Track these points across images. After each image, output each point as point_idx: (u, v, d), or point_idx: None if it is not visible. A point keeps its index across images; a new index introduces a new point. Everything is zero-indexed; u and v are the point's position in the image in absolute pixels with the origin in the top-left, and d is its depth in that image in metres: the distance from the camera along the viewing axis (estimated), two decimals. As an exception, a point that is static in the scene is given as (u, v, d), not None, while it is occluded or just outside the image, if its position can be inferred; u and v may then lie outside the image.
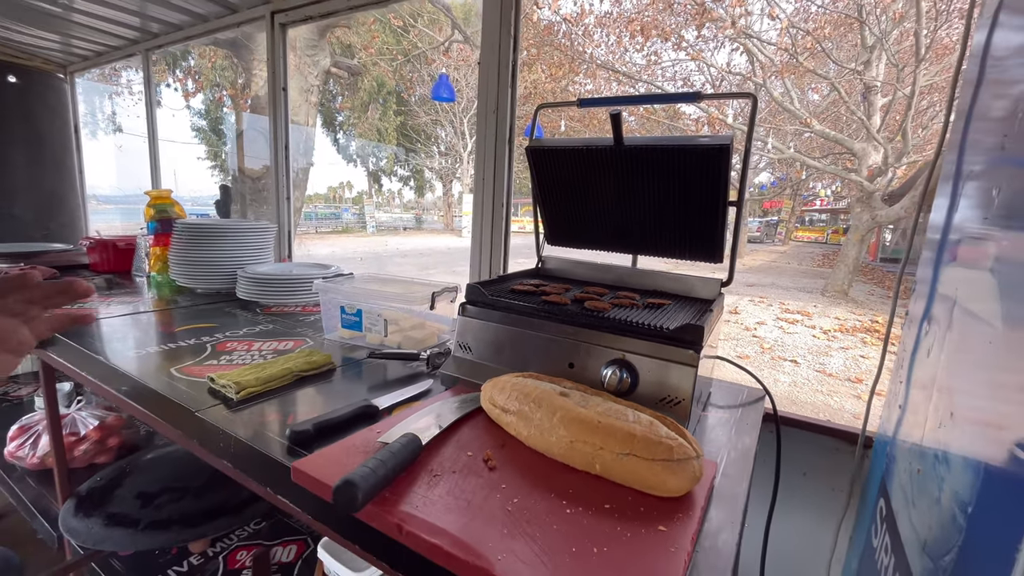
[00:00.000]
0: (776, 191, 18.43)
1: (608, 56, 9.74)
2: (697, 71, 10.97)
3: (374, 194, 27.12)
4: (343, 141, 22.10)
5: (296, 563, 1.19)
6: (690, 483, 0.53)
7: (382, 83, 14.58)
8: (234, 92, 7.32)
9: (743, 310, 7.60)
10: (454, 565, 0.44)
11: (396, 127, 19.42)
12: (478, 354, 0.88)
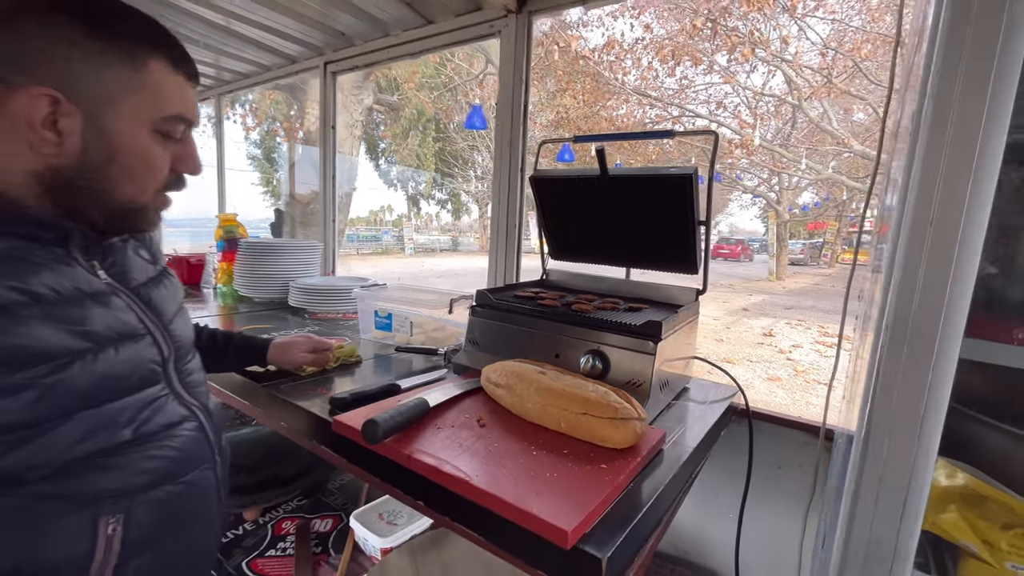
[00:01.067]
0: (819, 212, 17.89)
1: (640, 81, 9.96)
2: (732, 93, 11.03)
3: (413, 217, 28.07)
4: (384, 167, 23.10)
5: (331, 533, 1.38)
6: (632, 438, 0.69)
7: (421, 112, 15.32)
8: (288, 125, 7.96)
9: (779, 332, 7.43)
10: (444, 480, 0.62)
11: (435, 153, 20.19)
12: (484, 346, 1.06)
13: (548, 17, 1.47)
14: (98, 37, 0.53)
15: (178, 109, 0.60)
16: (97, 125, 0.55)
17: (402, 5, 1.62)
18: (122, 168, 0.57)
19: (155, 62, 0.57)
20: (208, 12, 1.87)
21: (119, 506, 0.55)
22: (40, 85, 0.51)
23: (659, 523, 0.65)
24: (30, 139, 0.52)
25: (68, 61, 0.52)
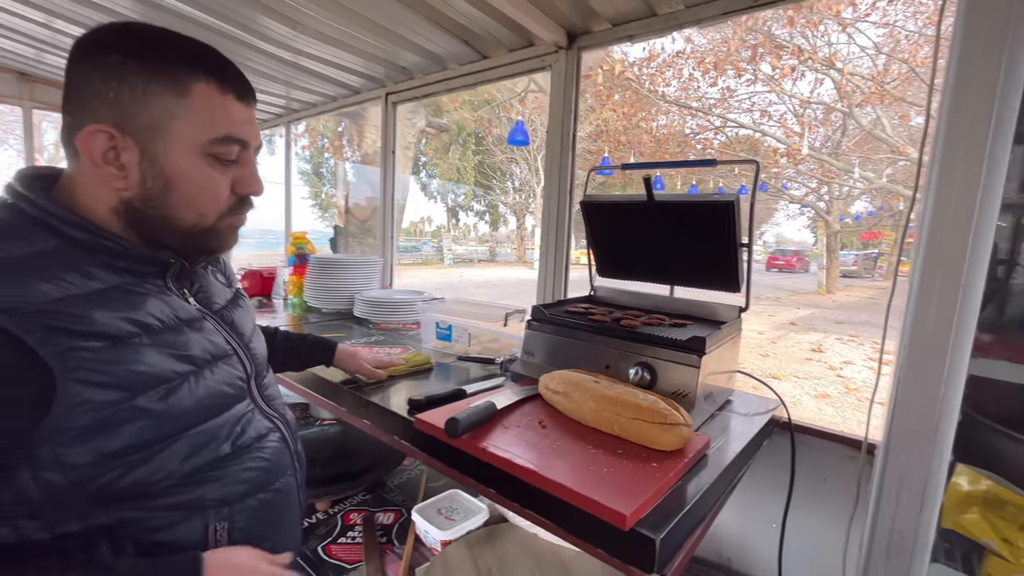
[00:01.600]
0: (874, 222, 17.04)
1: (680, 92, 9.91)
2: (778, 101, 10.78)
3: (452, 228, 28.65)
4: (425, 179, 23.77)
5: (394, 526, 1.51)
6: (679, 442, 0.77)
7: (462, 127, 15.75)
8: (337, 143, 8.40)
9: (829, 348, 7.16)
10: (515, 471, 0.72)
11: (474, 166, 20.64)
12: (539, 358, 1.17)
13: (595, 51, 1.58)
14: (144, 68, 0.55)
15: (227, 130, 0.60)
16: (150, 155, 0.56)
17: (459, 42, 1.78)
18: (180, 195, 0.59)
19: (200, 85, 0.57)
20: (282, 52, 2.10)
21: (223, 514, 0.61)
22: (97, 122, 0.54)
23: (704, 518, 0.73)
24: (99, 175, 0.56)
25: (119, 96, 0.54)
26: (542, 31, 1.50)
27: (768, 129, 10.46)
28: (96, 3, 1.85)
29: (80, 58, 0.55)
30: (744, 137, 11.19)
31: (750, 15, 7.07)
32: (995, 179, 0.43)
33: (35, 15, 2.06)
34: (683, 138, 10.52)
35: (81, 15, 1.98)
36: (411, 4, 1.56)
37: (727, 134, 10.87)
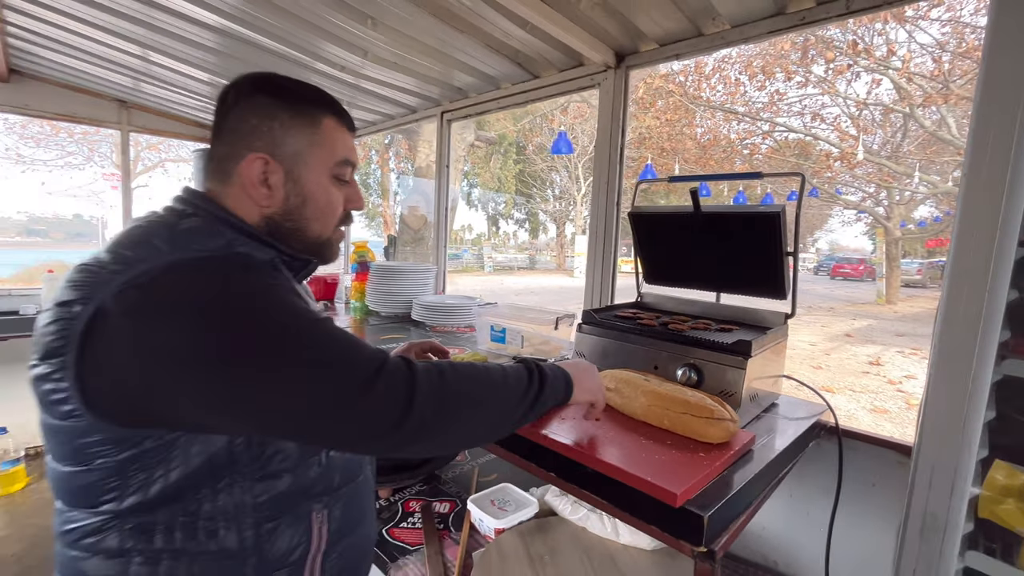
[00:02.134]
0: (940, 228, 15.98)
1: (726, 97, 9.74)
2: (831, 103, 10.38)
3: (492, 236, 29.01)
4: (466, 188, 24.24)
5: (450, 514, 1.62)
6: (725, 435, 0.84)
7: (503, 136, 16.02)
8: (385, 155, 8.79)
9: (888, 361, 6.80)
10: (574, 455, 0.81)
11: (515, 174, 20.89)
12: (590, 358, 1.25)
13: (642, 69, 1.66)
14: (287, 107, 0.67)
15: (345, 154, 0.73)
16: (293, 176, 0.68)
17: (511, 63, 1.90)
18: (313, 209, 0.70)
19: (327, 120, 0.70)
20: (344, 75, 2.29)
21: (323, 502, 0.67)
22: (255, 152, 0.66)
23: (749, 505, 0.79)
24: (252, 195, 0.67)
25: (271, 130, 0.66)
26: (591, 52, 1.60)
27: (820, 132, 10.08)
28: (185, 39, 2.11)
29: (235, 101, 0.68)
30: (794, 141, 10.82)
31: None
32: (1019, 184, 0.48)
33: (132, 48, 2.35)
34: (729, 143, 10.31)
35: (172, 48, 2.25)
36: (467, 30, 1.69)
37: (776, 139, 10.56)
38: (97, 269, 0.55)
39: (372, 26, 1.67)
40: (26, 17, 2.10)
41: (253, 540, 0.61)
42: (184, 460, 0.57)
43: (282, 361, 0.52)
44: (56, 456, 0.59)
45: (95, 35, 2.20)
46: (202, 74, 2.60)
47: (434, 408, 0.57)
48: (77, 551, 0.59)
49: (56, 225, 24.77)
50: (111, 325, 0.51)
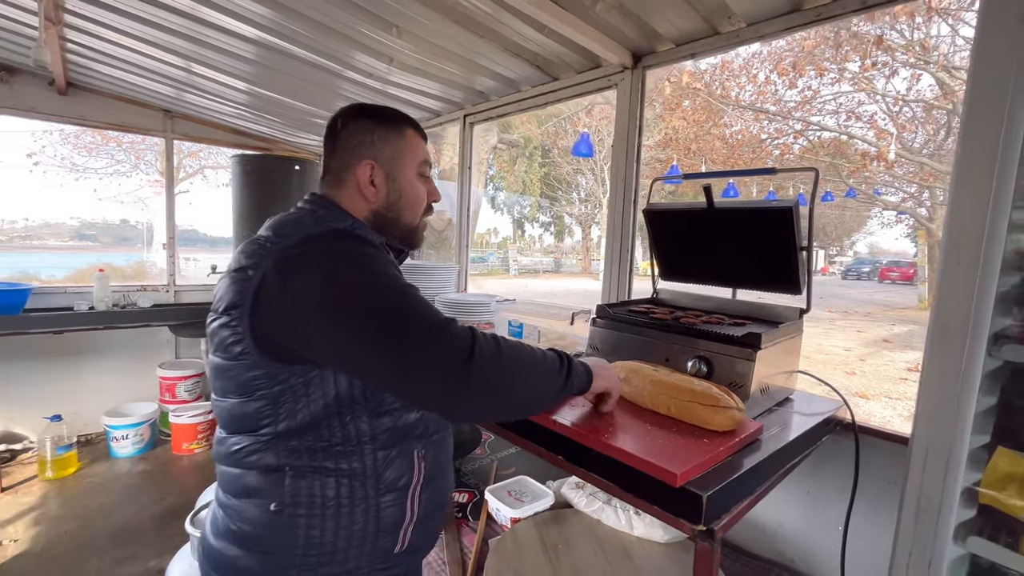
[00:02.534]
0: (988, 229, 15.12)
1: (756, 96, 9.53)
2: (869, 101, 10.02)
3: (517, 239, 29.07)
4: (491, 192, 24.37)
5: (468, 504, 1.67)
6: (731, 423, 0.85)
7: (529, 139, 16.08)
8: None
9: (929, 368, 6.48)
10: (581, 438, 0.85)
11: (540, 178, 20.89)
12: (603, 352, 1.28)
13: (659, 69, 1.68)
14: (382, 124, 0.86)
15: (425, 156, 0.92)
16: (392, 176, 0.86)
17: (531, 67, 1.94)
18: (407, 200, 0.88)
19: (409, 131, 0.89)
20: (373, 81, 2.38)
21: (421, 443, 0.81)
22: (364, 160, 0.84)
23: (753, 492, 0.81)
24: (364, 194, 0.85)
25: (374, 142, 0.85)
26: (608, 54, 1.63)
27: (856, 131, 9.75)
28: (225, 51, 2.24)
29: (343, 126, 0.86)
30: (828, 141, 10.48)
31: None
32: (1007, 175, 0.50)
33: (176, 61, 2.50)
34: (759, 143, 10.08)
35: (214, 60, 2.39)
36: (487, 35, 1.75)
37: (809, 138, 10.26)
38: (263, 243, 0.74)
39: (397, 34, 1.74)
40: (84, 35, 2.27)
41: (372, 465, 0.76)
42: (321, 394, 0.72)
43: (380, 310, 0.67)
44: (224, 392, 0.76)
45: (144, 49, 2.36)
46: (240, 83, 2.74)
47: (491, 363, 0.68)
48: (241, 468, 0.75)
49: (105, 230, 26.11)
50: (271, 282, 0.69)
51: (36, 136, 12.85)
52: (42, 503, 2.54)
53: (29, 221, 20.73)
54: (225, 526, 0.77)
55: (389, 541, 0.79)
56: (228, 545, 0.76)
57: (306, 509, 0.73)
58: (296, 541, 0.73)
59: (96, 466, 2.95)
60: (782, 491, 1.37)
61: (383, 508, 0.77)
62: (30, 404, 3.01)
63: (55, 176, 13.76)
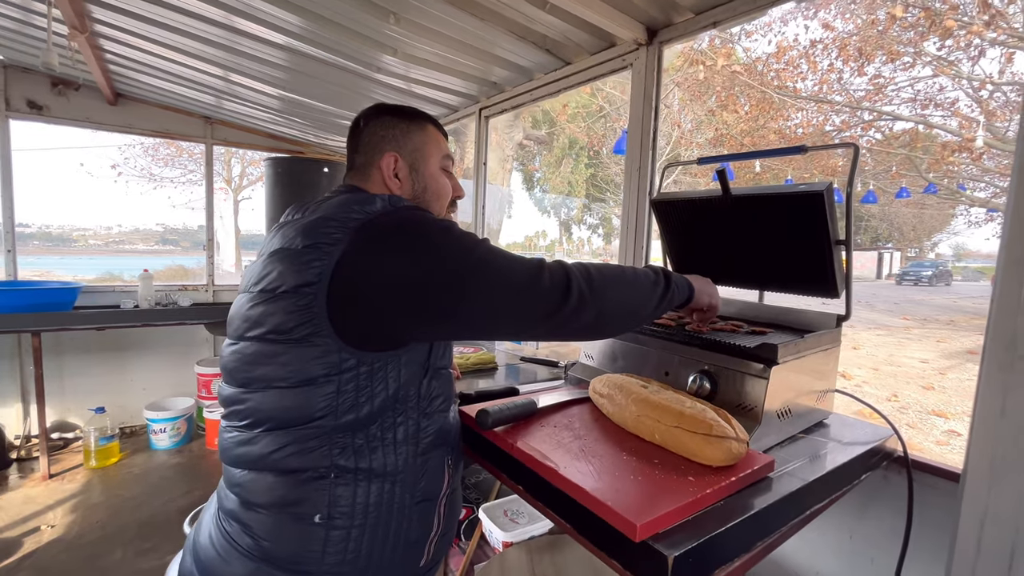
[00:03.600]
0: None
1: (819, 86, 8.82)
2: (953, 86, 9.02)
3: (564, 242, 28.74)
4: (539, 195, 24.23)
5: (464, 522, 1.55)
6: (726, 457, 0.68)
7: (574, 141, 15.81)
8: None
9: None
10: (537, 467, 0.71)
11: (586, 179, 20.53)
12: (599, 362, 1.12)
13: (679, 44, 1.50)
14: (404, 119, 0.86)
15: (446, 151, 0.91)
16: (416, 168, 0.86)
17: (543, 52, 1.81)
18: (432, 193, 0.87)
19: (430, 127, 0.89)
20: (398, 82, 2.34)
21: (449, 451, 0.79)
22: (388, 152, 0.83)
23: (750, 548, 0.64)
24: (388, 186, 0.83)
25: (396, 137, 0.85)
26: (620, 30, 1.47)
27: (936, 120, 8.79)
28: (258, 58, 2.27)
29: (366, 124, 0.86)
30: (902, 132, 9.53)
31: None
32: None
33: (215, 71, 2.57)
34: (821, 136, 9.33)
35: (250, 68, 2.43)
36: (496, 22, 1.63)
37: (881, 129, 9.39)
38: (331, 225, 0.69)
39: (396, 21, 1.66)
40: (119, 45, 2.38)
41: (412, 469, 0.73)
42: (384, 387, 0.69)
43: (482, 262, 0.67)
44: (267, 381, 0.68)
45: (185, 60, 2.45)
46: (272, 90, 2.79)
47: (588, 284, 0.70)
48: (277, 472, 0.68)
49: (184, 235, 28.26)
50: (349, 261, 0.66)
51: (121, 149, 14.11)
52: (82, 491, 2.67)
53: (122, 227, 22.74)
54: (244, 542, 0.68)
55: (416, 554, 0.76)
56: (247, 563, 0.67)
57: (348, 519, 0.68)
58: (332, 557, 0.67)
59: (136, 457, 3.09)
60: (818, 532, 1.16)
61: (414, 519, 0.74)
62: (81, 396, 3.20)
63: (136, 185, 15.03)
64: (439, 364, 0.77)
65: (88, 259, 20.12)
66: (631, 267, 0.81)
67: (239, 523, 0.70)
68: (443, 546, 0.82)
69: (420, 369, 0.73)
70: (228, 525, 0.71)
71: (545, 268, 0.70)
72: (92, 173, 20.90)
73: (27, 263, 12.35)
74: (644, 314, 0.78)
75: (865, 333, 9.14)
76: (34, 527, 2.33)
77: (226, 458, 0.73)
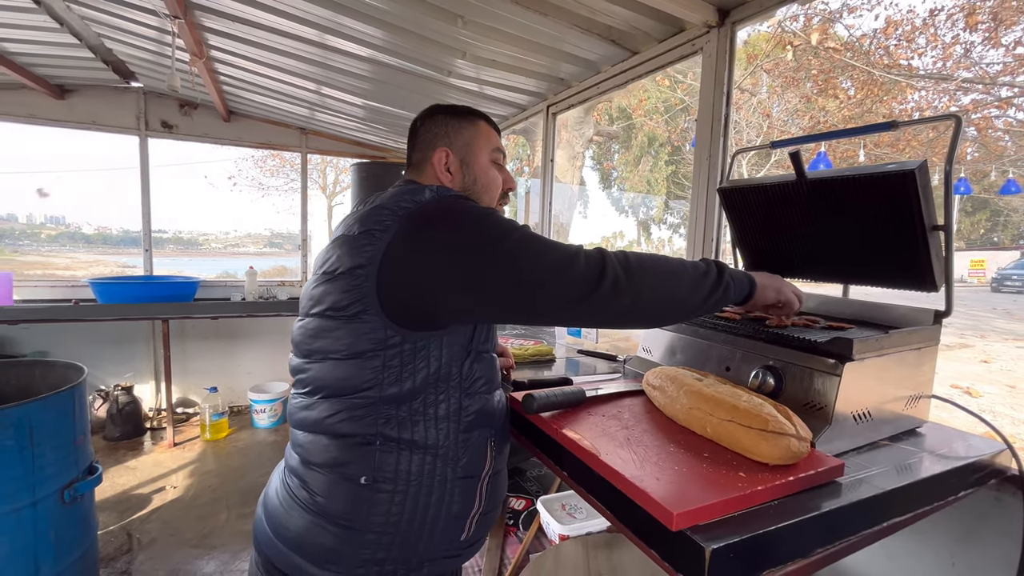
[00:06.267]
0: None
1: (940, 63, 7.73)
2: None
3: (643, 242, 27.78)
4: (616, 194, 23.68)
5: (523, 512, 1.57)
6: (784, 455, 0.64)
7: (654, 137, 15.26)
8: (528, 163, 9.10)
9: None
10: (579, 452, 0.70)
11: (667, 176, 19.70)
12: (657, 356, 1.09)
13: (755, 23, 1.40)
14: (455, 117, 0.91)
15: (497, 144, 0.94)
16: (467, 162, 0.89)
17: (609, 44, 1.78)
18: (482, 185, 0.90)
19: (481, 123, 0.92)
20: (470, 84, 2.42)
21: (493, 433, 0.82)
22: (439, 148, 0.88)
23: (807, 553, 0.59)
24: (440, 179, 0.88)
25: (447, 133, 0.89)
26: (689, 14, 1.41)
27: (1101, 92, 7.32)
28: (346, 71, 2.46)
29: (422, 124, 0.92)
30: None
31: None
32: None
33: (309, 85, 2.83)
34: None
35: (341, 81, 2.65)
36: (560, 16, 1.64)
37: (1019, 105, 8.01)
38: (383, 213, 0.75)
39: (463, 25, 1.73)
40: (235, 68, 2.70)
41: (454, 446, 0.77)
42: (425, 364, 0.73)
43: (519, 241, 0.69)
44: (324, 353, 0.76)
45: (284, 78, 2.73)
46: (357, 99, 3.01)
47: (624, 269, 0.69)
48: (330, 436, 0.74)
49: (287, 238, 31.10)
50: (408, 237, 0.71)
51: (236, 162, 15.91)
52: (198, 459, 3.06)
53: (237, 232, 25.64)
54: (302, 495, 0.76)
55: (457, 528, 0.79)
56: (302, 514, 0.75)
57: (391, 484, 0.73)
58: (377, 517, 0.73)
59: (241, 433, 3.48)
60: (913, 555, 1.03)
61: (456, 493, 0.77)
62: (200, 376, 3.66)
63: (248, 194, 16.87)
64: (481, 348, 0.79)
65: (212, 260, 22.91)
66: (680, 259, 0.78)
67: (299, 479, 0.77)
68: (485, 524, 0.84)
69: (462, 351, 0.76)
70: (290, 480, 0.79)
71: (581, 252, 0.70)
72: (214, 184, 23.76)
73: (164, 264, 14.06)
74: (691, 305, 0.75)
75: (1000, 345, 7.86)
76: (160, 487, 2.71)
77: (292, 421, 0.81)
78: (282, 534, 0.76)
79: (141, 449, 3.18)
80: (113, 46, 2.63)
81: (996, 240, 19.74)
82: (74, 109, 3.30)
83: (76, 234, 24.81)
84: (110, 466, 2.90)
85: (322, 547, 0.73)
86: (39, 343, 3.18)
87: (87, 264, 19.16)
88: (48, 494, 1.49)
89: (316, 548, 0.73)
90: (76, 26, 2.38)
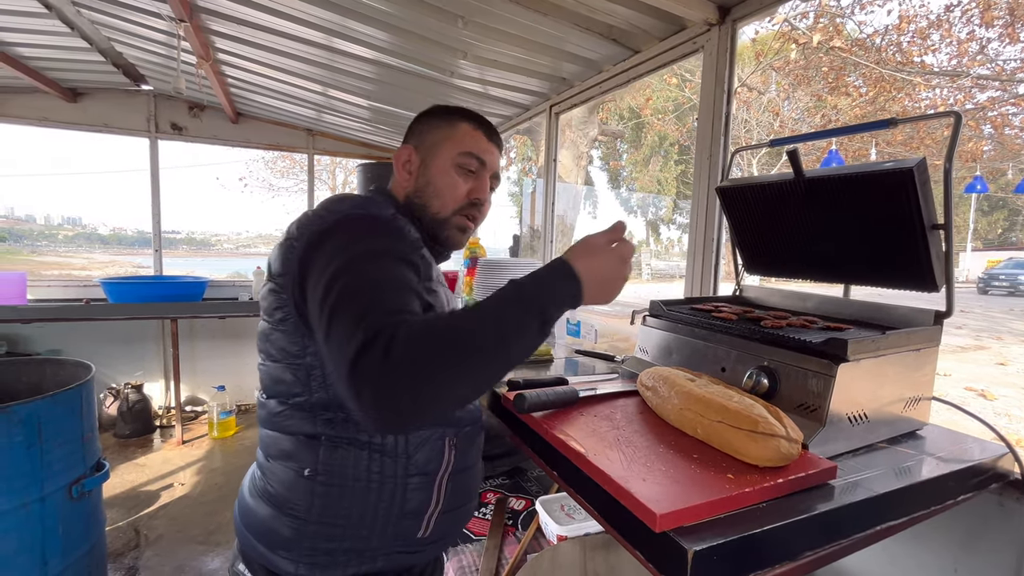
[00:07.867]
0: None
1: (956, 59, 7.60)
2: None
3: (652, 243, 27.65)
4: (625, 194, 23.57)
5: (522, 513, 1.56)
6: (774, 457, 0.63)
7: (664, 136, 15.17)
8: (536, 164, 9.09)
9: None
10: (566, 451, 0.70)
11: (676, 176, 19.58)
12: (653, 356, 1.08)
13: (754, 21, 1.39)
14: (438, 116, 0.88)
15: (470, 148, 0.86)
16: (426, 163, 0.86)
17: (611, 43, 1.77)
18: (433, 189, 0.85)
19: (464, 124, 0.87)
20: (475, 85, 2.43)
21: (452, 432, 0.81)
22: (406, 145, 0.87)
23: (794, 556, 0.58)
24: (399, 177, 0.88)
25: (421, 132, 0.88)
26: (690, 12, 1.40)
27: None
28: (351, 73, 2.48)
29: (414, 122, 0.91)
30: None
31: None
32: None
33: (316, 87, 2.85)
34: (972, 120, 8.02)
35: (347, 83, 2.67)
36: (560, 16, 1.64)
37: (1040, 103, 7.84)
38: (305, 221, 0.74)
39: (463, 25, 1.73)
40: (242, 71, 2.73)
41: (403, 444, 0.76)
42: None
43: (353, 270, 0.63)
44: (266, 355, 0.79)
45: (292, 80, 2.76)
46: (363, 101, 3.03)
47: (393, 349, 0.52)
48: (279, 431, 0.77)
49: (296, 239, 31.30)
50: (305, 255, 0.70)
51: (246, 164, 16.09)
52: (206, 457, 3.10)
53: (248, 232, 25.90)
54: (262, 486, 0.80)
55: (413, 525, 0.79)
56: (261, 504, 0.78)
57: (338, 480, 0.74)
58: (324, 510, 0.74)
59: (249, 431, 3.51)
60: (915, 560, 1.01)
61: (409, 490, 0.77)
62: (208, 375, 3.71)
63: (258, 195, 17.06)
64: None
65: (223, 261, 23.16)
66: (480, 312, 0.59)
67: (261, 472, 0.81)
68: (448, 522, 0.83)
69: None
70: (256, 472, 0.83)
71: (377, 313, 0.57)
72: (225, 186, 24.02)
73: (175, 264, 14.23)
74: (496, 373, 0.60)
75: (1017, 347, 7.70)
76: (169, 483, 2.75)
77: (257, 417, 0.84)
78: (248, 522, 0.80)
79: (151, 446, 3.23)
80: (123, 50, 2.67)
81: (1014, 240, 19.30)
82: (86, 112, 3.36)
83: (92, 235, 25.25)
84: (120, 463, 2.95)
85: (278, 535, 0.75)
86: (52, 342, 3.24)
87: (103, 264, 19.50)
88: (56, 490, 1.52)
89: (274, 536, 0.76)
90: (86, 30, 2.42)
